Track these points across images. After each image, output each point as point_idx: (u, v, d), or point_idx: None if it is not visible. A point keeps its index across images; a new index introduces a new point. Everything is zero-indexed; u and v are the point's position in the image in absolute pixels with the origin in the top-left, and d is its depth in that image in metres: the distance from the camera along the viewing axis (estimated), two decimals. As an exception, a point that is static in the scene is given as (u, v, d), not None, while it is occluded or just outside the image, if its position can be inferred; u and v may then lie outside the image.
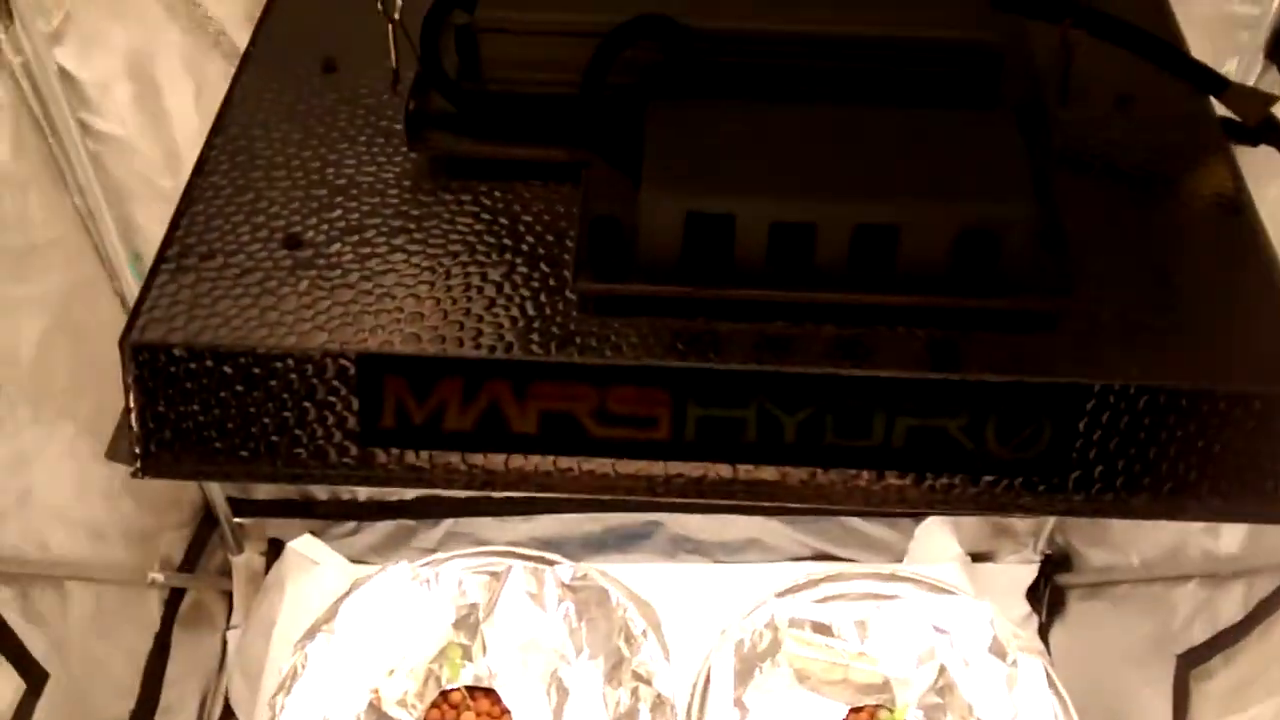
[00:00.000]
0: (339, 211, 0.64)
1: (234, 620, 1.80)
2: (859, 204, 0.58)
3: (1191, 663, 1.40)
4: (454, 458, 0.61)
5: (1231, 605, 1.35)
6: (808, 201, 0.58)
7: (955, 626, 1.32)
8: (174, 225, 0.63)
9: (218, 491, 1.85)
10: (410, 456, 0.61)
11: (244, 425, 0.60)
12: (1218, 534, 1.40)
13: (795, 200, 0.58)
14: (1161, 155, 0.69)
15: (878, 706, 1.29)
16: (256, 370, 0.59)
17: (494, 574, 1.35)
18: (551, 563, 1.36)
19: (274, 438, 0.61)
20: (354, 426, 0.60)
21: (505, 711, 1.27)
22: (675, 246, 0.59)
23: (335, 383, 0.60)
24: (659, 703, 1.24)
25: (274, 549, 1.78)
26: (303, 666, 1.28)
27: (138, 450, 0.61)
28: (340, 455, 0.61)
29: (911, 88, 0.64)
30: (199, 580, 1.82)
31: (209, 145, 0.67)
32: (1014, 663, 1.30)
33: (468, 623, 1.32)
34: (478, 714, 1.27)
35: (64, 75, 1.15)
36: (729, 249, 0.59)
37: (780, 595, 1.36)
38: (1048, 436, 0.60)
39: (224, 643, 1.79)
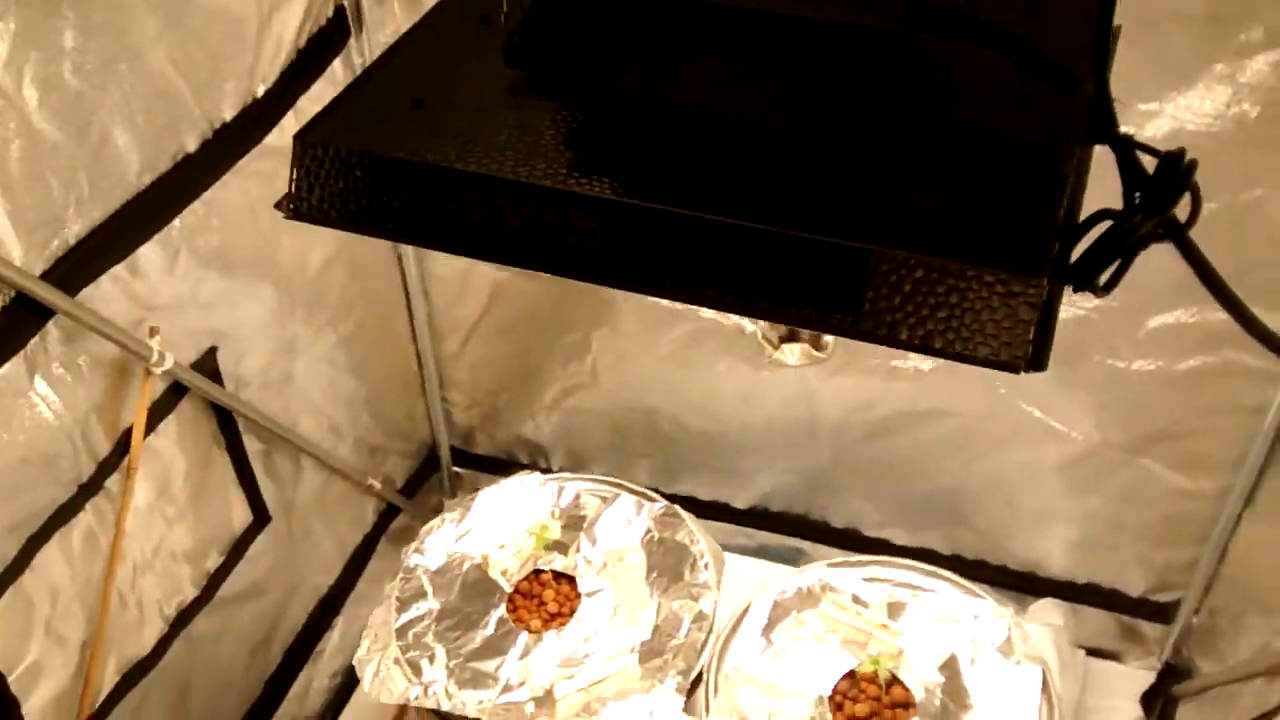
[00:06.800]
0: (450, 90, 1.00)
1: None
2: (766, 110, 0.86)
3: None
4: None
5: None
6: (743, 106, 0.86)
7: (975, 622, 1.48)
8: (354, 86, 1.01)
9: (444, 441, 2.25)
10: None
11: (370, 201, 0.96)
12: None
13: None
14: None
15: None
16: (379, 172, 0.95)
17: (604, 498, 1.66)
18: (653, 500, 1.65)
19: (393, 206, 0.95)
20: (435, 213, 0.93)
21: (578, 596, 1.55)
22: None
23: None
24: (700, 616, 1.49)
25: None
26: (437, 529, 1.63)
27: (292, 206, 0.98)
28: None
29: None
30: (413, 506, 2.19)
31: (400, 41, 1.04)
32: (1018, 662, 1.44)
33: (573, 527, 1.63)
34: (557, 592, 1.56)
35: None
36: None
37: (831, 565, 1.58)
38: (843, 280, 0.85)
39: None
